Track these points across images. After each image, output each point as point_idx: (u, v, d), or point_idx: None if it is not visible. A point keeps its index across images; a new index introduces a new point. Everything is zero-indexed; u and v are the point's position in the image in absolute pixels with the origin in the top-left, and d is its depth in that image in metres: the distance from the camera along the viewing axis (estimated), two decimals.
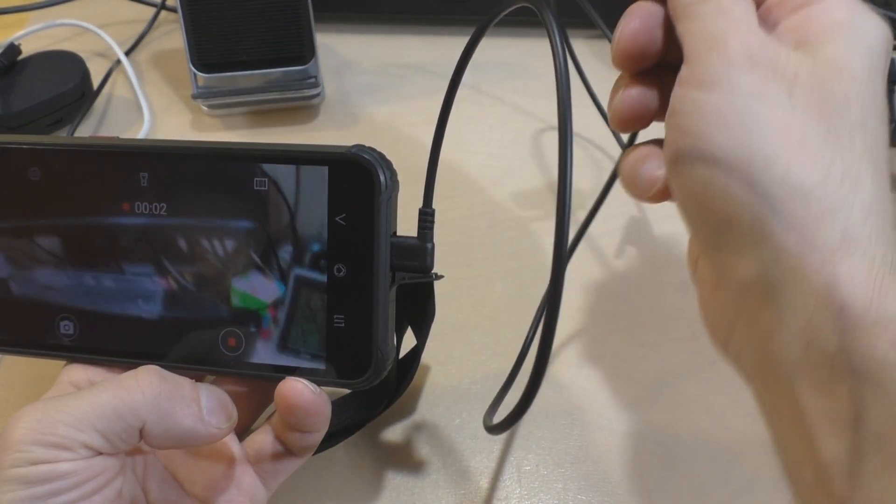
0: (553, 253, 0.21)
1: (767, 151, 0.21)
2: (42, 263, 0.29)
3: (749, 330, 0.22)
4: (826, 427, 0.20)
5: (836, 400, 0.20)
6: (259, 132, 0.51)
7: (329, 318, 0.27)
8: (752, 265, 0.21)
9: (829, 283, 0.20)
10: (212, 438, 0.25)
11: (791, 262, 0.20)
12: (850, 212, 0.20)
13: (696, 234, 0.24)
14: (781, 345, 0.21)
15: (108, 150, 0.28)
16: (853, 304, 0.19)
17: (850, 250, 0.20)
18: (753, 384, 0.24)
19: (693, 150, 0.22)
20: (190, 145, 0.28)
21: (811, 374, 0.20)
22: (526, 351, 0.36)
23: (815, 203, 0.20)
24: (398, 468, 0.33)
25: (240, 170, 0.27)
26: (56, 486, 0.22)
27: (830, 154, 0.20)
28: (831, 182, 0.20)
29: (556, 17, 0.22)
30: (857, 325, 0.19)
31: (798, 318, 0.20)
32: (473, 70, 0.58)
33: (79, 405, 0.23)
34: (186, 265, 0.28)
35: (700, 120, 0.22)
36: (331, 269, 0.27)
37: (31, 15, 0.61)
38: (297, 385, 0.26)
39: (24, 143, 0.29)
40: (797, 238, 0.20)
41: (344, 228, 0.27)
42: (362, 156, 0.26)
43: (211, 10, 0.47)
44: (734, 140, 0.21)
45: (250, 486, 0.28)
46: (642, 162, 0.25)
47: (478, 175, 0.48)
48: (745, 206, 0.21)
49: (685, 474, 0.33)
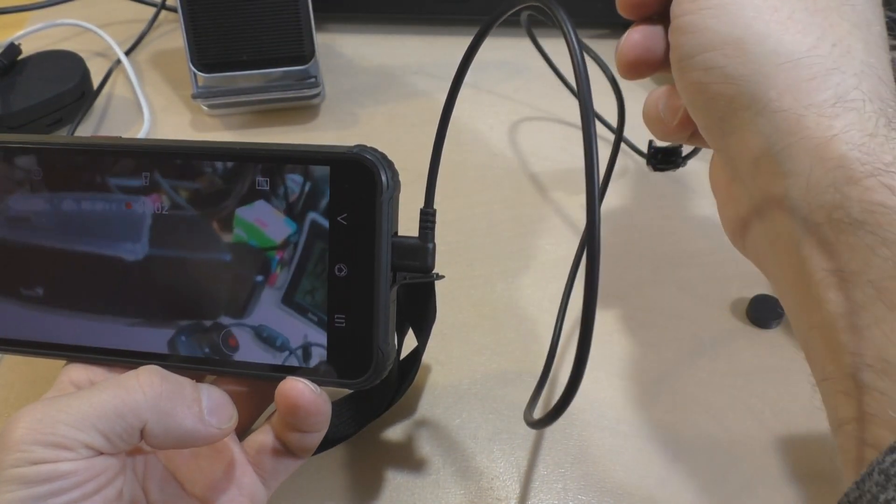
0: (585, 240, 0.21)
1: (758, 28, 0.22)
2: (43, 263, 0.29)
3: (761, 208, 0.24)
4: (831, 282, 0.21)
5: (839, 254, 0.20)
6: (259, 132, 0.51)
7: (330, 317, 0.27)
8: (757, 138, 0.22)
9: (825, 137, 0.21)
10: (212, 439, 0.25)
11: (789, 124, 0.22)
12: (843, 76, 0.21)
13: (708, 129, 0.25)
14: (789, 211, 0.22)
15: (110, 150, 0.28)
16: (849, 155, 0.20)
17: (845, 108, 0.21)
18: (769, 267, 0.25)
19: (693, 43, 0.24)
20: (192, 145, 0.28)
21: (815, 233, 0.21)
22: (556, 344, 0.36)
23: (806, 68, 0.22)
24: (398, 468, 0.33)
25: (241, 169, 0.27)
26: (57, 486, 0.22)
27: (819, 26, 0.22)
28: (821, 50, 0.22)
29: (568, 15, 0.22)
30: (853, 177, 0.20)
31: (799, 179, 0.21)
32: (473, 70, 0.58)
33: (79, 405, 0.23)
34: (188, 265, 0.28)
35: (696, 14, 0.23)
36: (332, 269, 0.27)
37: (31, 15, 0.61)
38: (297, 385, 0.26)
39: (26, 143, 0.29)
40: (792, 101, 0.22)
41: (345, 228, 0.27)
42: (364, 156, 0.26)
43: (211, 10, 0.47)
44: (728, 24, 0.23)
45: (250, 485, 0.28)
46: (662, 97, 0.28)
47: (478, 175, 0.48)
48: (743, 82, 0.22)
49: (685, 474, 0.33)
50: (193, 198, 0.28)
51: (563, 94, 0.51)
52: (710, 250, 0.43)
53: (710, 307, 0.39)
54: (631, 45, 0.27)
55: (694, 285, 0.41)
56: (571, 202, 0.46)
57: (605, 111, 0.49)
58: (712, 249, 0.43)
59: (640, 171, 0.48)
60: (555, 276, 0.41)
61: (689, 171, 0.48)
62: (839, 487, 0.26)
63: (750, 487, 0.32)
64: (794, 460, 0.33)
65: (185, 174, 0.28)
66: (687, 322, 0.39)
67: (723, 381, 0.36)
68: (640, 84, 0.53)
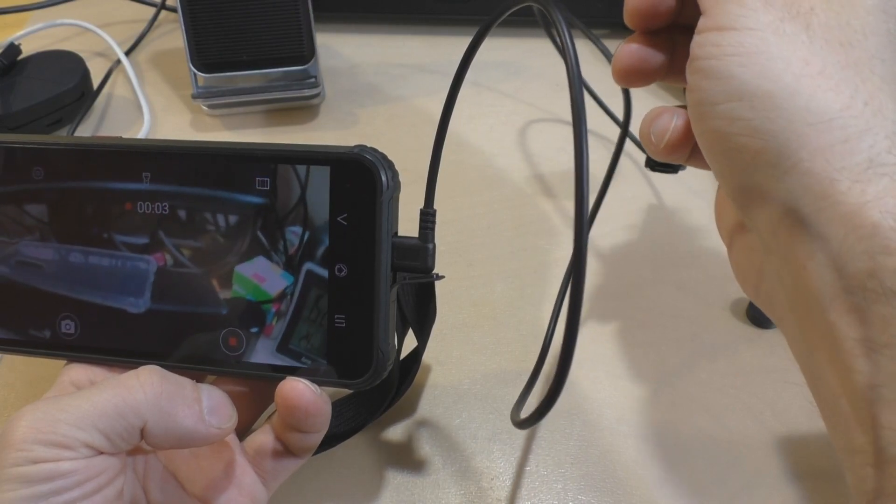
0: (574, 243, 0.21)
1: (789, 83, 0.21)
2: (44, 262, 0.29)
3: (781, 267, 0.23)
4: (861, 352, 0.20)
5: (871, 324, 0.20)
6: (259, 132, 0.51)
7: (330, 317, 0.27)
8: (782, 197, 0.21)
9: (858, 204, 0.20)
10: (212, 438, 0.25)
11: (822, 188, 0.20)
12: (875, 137, 0.20)
13: (724, 176, 0.24)
14: (814, 274, 0.21)
15: (110, 150, 0.28)
16: (883, 223, 0.19)
17: (878, 172, 0.20)
18: (787, 324, 0.24)
19: (717, 90, 0.22)
20: (192, 145, 0.28)
21: (844, 300, 0.20)
22: (548, 344, 0.36)
23: (839, 129, 0.20)
24: (398, 468, 0.33)
25: (242, 169, 0.27)
26: (57, 485, 0.22)
27: (851, 83, 0.21)
28: (854, 109, 0.21)
29: (565, 16, 0.22)
30: (888, 247, 0.19)
31: (829, 244, 0.20)
32: (474, 70, 0.58)
33: (80, 404, 0.23)
34: (188, 265, 0.28)
35: (721, 59, 0.22)
36: (332, 269, 0.27)
37: (31, 15, 0.61)
38: (297, 385, 0.26)
39: (27, 143, 0.29)
40: (824, 164, 0.20)
41: (345, 228, 0.27)
42: (365, 156, 0.26)
43: (211, 9, 0.47)
44: (756, 75, 0.21)
45: (251, 486, 0.28)
46: (656, 118, 0.27)
47: (478, 175, 0.48)
48: (770, 137, 0.21)
49: (685, 474, 0.33)
50: (196, 197, 0.28)
51: (563, 95, 0.51)
52: (710, 250, 0.43)
53: (710, 307, 0.40)
54: (627, 53, 0.27)
55: (694, 285, 0.41)
56: (571, 202, 0.46)
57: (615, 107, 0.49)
58: (712, 249, 0.43)
59: (640, 171, 0.48)
60: (555, 276, 0.41)
61: (690, 171, 0.48)
62: (839, 487, 0.26)
63: (750, 487, 0.32)
64: (794, 460, 0.33)
65: (187, 174, 0.28)
66: (687, 322, 0.39)
67: (723, 381, 0.36)
68: None
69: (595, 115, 0.49)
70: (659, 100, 0.53)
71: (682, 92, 0.54)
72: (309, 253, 0.27)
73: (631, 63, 0.27)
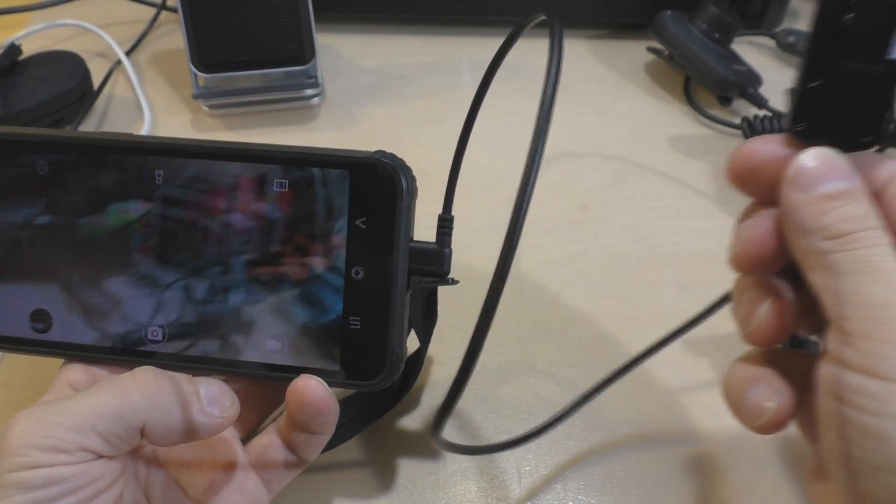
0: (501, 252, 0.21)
1: None
2: (46, 261, 0.29)
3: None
4: None
5: None
6: (259, 132, 0.51)
7: (345, 319, 0.27)
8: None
9: None
10: (217, 428, 0.25)
11: None
12: None
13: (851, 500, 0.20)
14: None
15: (123, 147, 0.28)
16: None
17: None
18: None
19: (881, 457, 0.19)
20: (210, 144, 0.28)
21: None
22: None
23: None
24: (398, 468, 0.33)
25: (259, 170, 0.27)
26: (54, 491, 0.22)
27: None
28: None
29: (560, 34, 0.22)
30: None
31: None
32: (474, 70, 0.58)
33: (77, 407, 0.23)
34: (202, 265, 0.28)
35: (886, 421, 0.19)
36: (348, 272, 0.27)
37: (31, 15, 0.61)
38: (311, 382, 0.26)
39: (34, 137, 0.28)
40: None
41: (364, 232, 0.27)
42: (385, 161, 0.26)
43: (211, 10, 0.47)
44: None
45: (253, 490, 0.28)
46: (749, 384, 0.23)
47: (478, 175, 0.48)
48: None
49: (685, 474, 0.33)
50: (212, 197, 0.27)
51: (563, 95, 0.51)
52: (710, 250, 0.43)
53: None
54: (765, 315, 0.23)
55: (694, 285, 0.41)
56: (571, 202, 0.46)
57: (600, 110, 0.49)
58: (712, 249, 0.43)
59: (639, 171, 0.48)
60: (555, 276, 0.41)
61: (690, 171, 0.48)
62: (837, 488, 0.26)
63: (750, 487, 0.32)
64: (794, 460, 0.33)
65: (202, 173, 0.27)
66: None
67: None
68: (640, 84, 0.53)
69: (600, 125, 0.49)
70: (659, 100, 0.53)
71: (683, 92, 0.54)
72: (326, 255, 0.27)
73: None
